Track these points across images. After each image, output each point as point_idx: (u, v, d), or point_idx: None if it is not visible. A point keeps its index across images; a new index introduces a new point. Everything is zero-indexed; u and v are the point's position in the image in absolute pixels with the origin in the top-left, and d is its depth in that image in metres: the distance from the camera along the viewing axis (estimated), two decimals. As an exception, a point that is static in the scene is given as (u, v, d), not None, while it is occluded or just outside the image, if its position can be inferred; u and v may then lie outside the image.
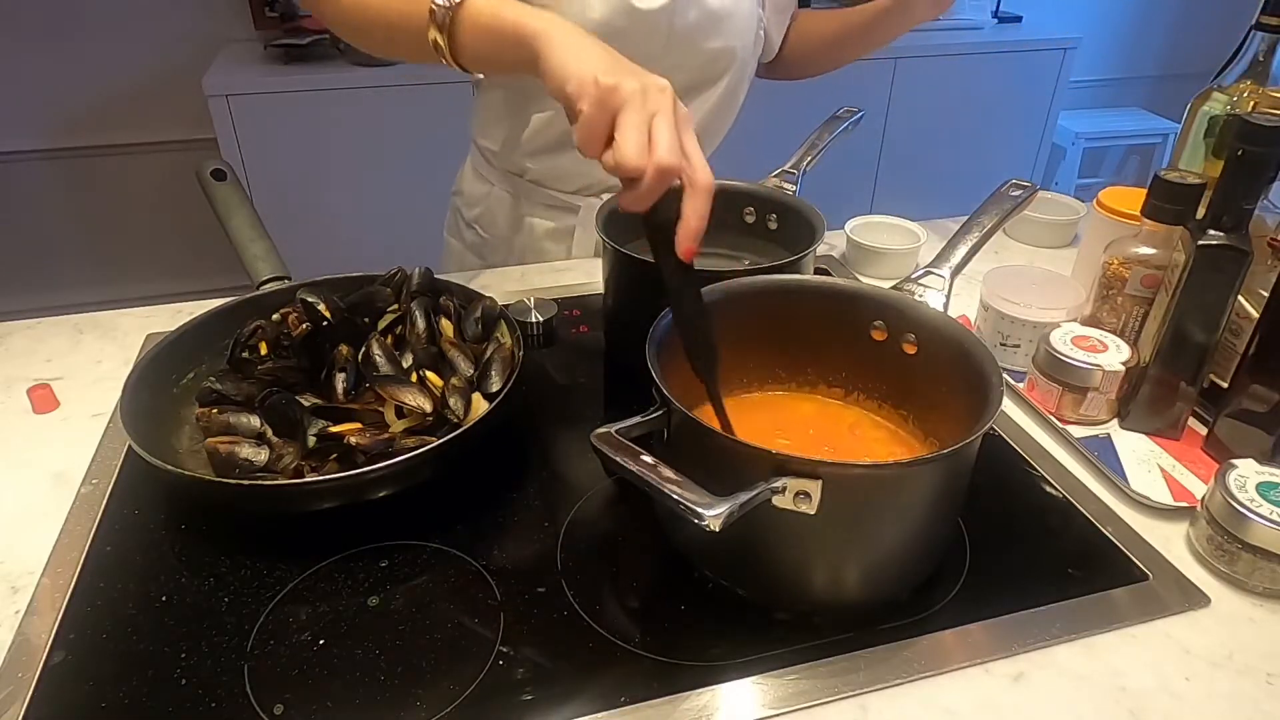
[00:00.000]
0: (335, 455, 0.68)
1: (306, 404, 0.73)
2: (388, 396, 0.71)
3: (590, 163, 1.06)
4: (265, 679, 0.57)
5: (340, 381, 0.74)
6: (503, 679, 0.57)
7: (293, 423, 0.71)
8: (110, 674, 0.57)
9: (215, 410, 0.73)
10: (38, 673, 0.57)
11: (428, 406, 0.71)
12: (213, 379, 0.75)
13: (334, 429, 0.70)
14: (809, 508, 0.53)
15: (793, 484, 0.53)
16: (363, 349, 0.76)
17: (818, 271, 0.97)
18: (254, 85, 2.25)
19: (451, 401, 0.71)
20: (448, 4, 0.68)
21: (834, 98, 1.19)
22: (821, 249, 0.93)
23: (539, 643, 0.60)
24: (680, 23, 0.98)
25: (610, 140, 0.59)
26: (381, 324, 0.81)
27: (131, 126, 2.56)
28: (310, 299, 0.79)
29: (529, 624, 0.61)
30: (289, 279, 0.87)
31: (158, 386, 0.76)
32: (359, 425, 0.71)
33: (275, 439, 0.71)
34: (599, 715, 0.55)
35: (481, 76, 1.09)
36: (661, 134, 0.58)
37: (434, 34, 0.70)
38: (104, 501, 0.71)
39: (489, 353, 0.77)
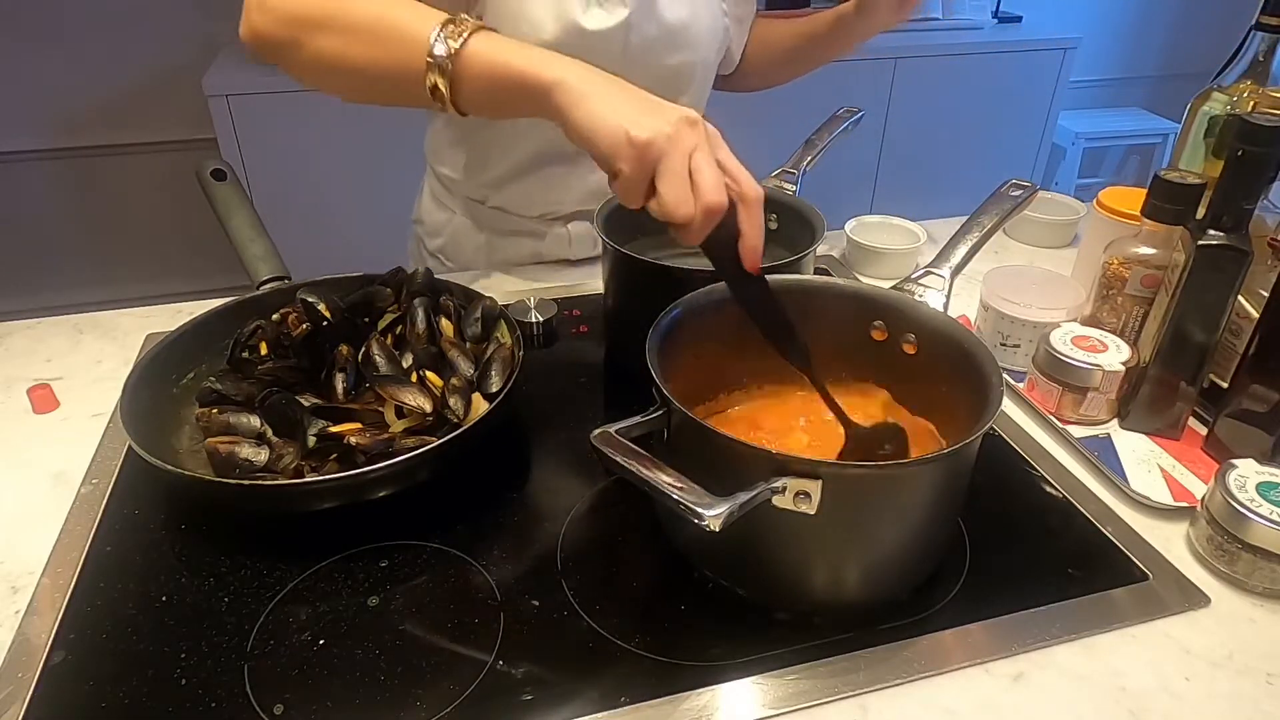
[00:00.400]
0: (335, 455, 0.68)
1: (306, 404, 0.73)
2: (387, 396, 0.71)
3: (556, 188, 1.04)
4: (265, 679, 0.57)
5: (340, 381, 0.74)
6: (503, 679, 0.57)
7: (293, 423, 0.71)
8: (110, 674, 0.57)
9: (215, 410, 0.73)
10: (38, 673, 0.57)
11: (428, 406, 0.70)
12: (213, 379, 0.75)
13: (334, 429, 0.70)
14: (809, 508, 0.53)
15: (793, 484, 0.53)
16: (362, 349, 0.75)
17: (818, 271, 0.97)
18: (254, 85, 2.25)
19: (451, 401, 0.71)
20: (447, 51, 0.64)
21: (834, 98, 1.19)
22: (821, 249, 0.93)
23: (539, 643, 0.60)
24: (637, 39, 0.94)
25: (652, 190, 0.59)
26: (381, 324, 0.81)
27: (131, 126, 2.56)
28: (310, 299, 0.79)
29: (529, 624, 0.61)
30: (289, 279, 0.86)
31: (158, 386, 0.76)
32: (359, 425, 0.70)
33: (275, 439, 0.71)
34: (599, 715, 0.55)
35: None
36: (704, 175, 0.57)
37: (435, 78, 0.65)
38: (104, 501, 0.71)
39: (489, 352, 0.77)
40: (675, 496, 0.51)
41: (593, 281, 1.06)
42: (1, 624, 0.61)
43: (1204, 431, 0.78)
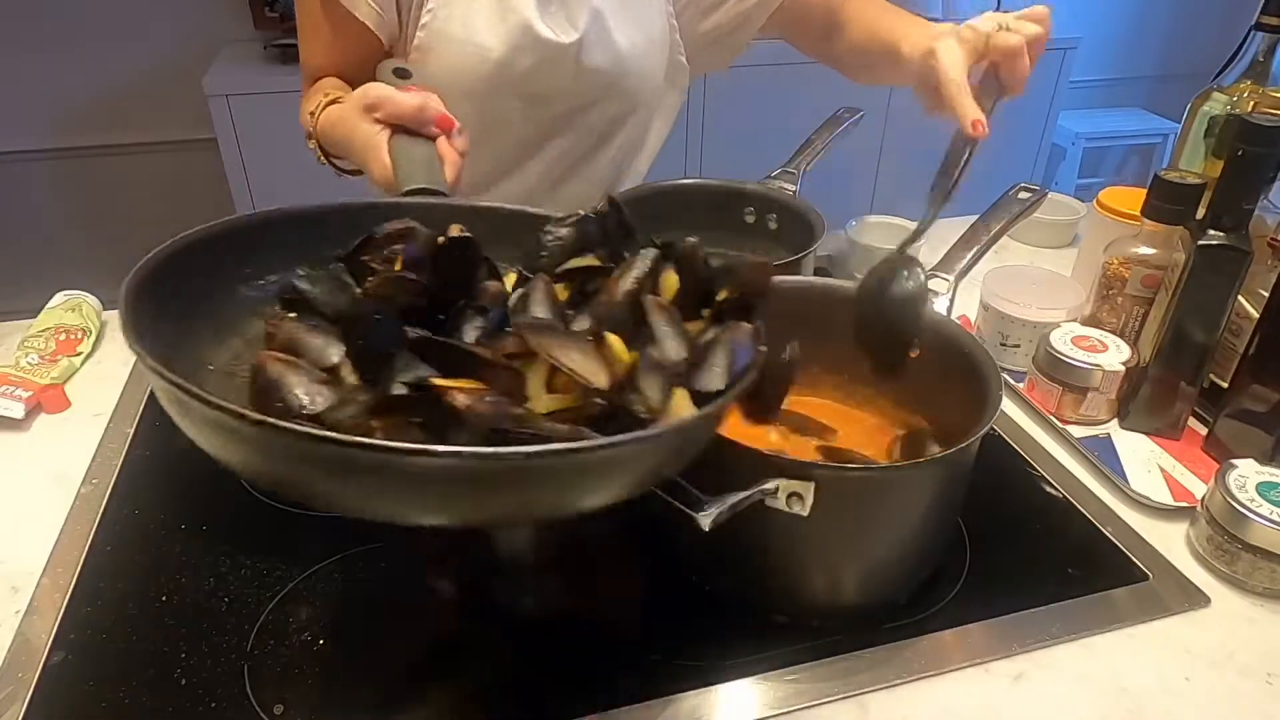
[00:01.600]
0: (422, 419, 0.43)
1: (413, 336, 0.47)
2: (540, 351, 0.46)
3: (535, 185, 1.02)
4: (265, 679, 0.57)
5: (474, 321, 0.50)
6: (503, 679, 0.57)
7: (381, 361, 0.45)
8: (110, 674, 0.57)
9: (289, 318, 0.50)
10: (38, 673, 0.57)
11: (601, 378, 0.45)
12: (303, 273, 0.52)
13: (438, 382, 0.43)
14: (802, 509, 0.53)
15: (785, 485, 0.53)
16: (521, 290, 0.52)
17: (818, 272, 0.97)
18: (254, 85, 2.25)
19: (644, 385, 0.46)
20: (310, 129, 0.83)
21: (834, 98, 1.18)
22: (821, 249, 0.92)
23: (539, 643, 0.60)
24: (588, 60, 0.94)
25: None
26: (570, 265, 0.55)
27: (131, 126, 2.56)
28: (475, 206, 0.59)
29: (529, 624, 0.61)
30: (445, 195, 0.65)
31: (216, 277, 0.53)
32: (481, 385, 0.44)
33: (351, 381, 0.46)
34: (599, 715, 0.55)
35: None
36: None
37: (311, 144, 0.84)
38: (104, 501, 0.71)
39: (713, 336, 0.51)
40: (666, 495, 0.51)
41: (593, 281, 1.06)
42: (1, 624, 0.61)
43: (1204, 431, 0.78)
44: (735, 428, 0.72)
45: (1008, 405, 0.85)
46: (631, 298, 0.52)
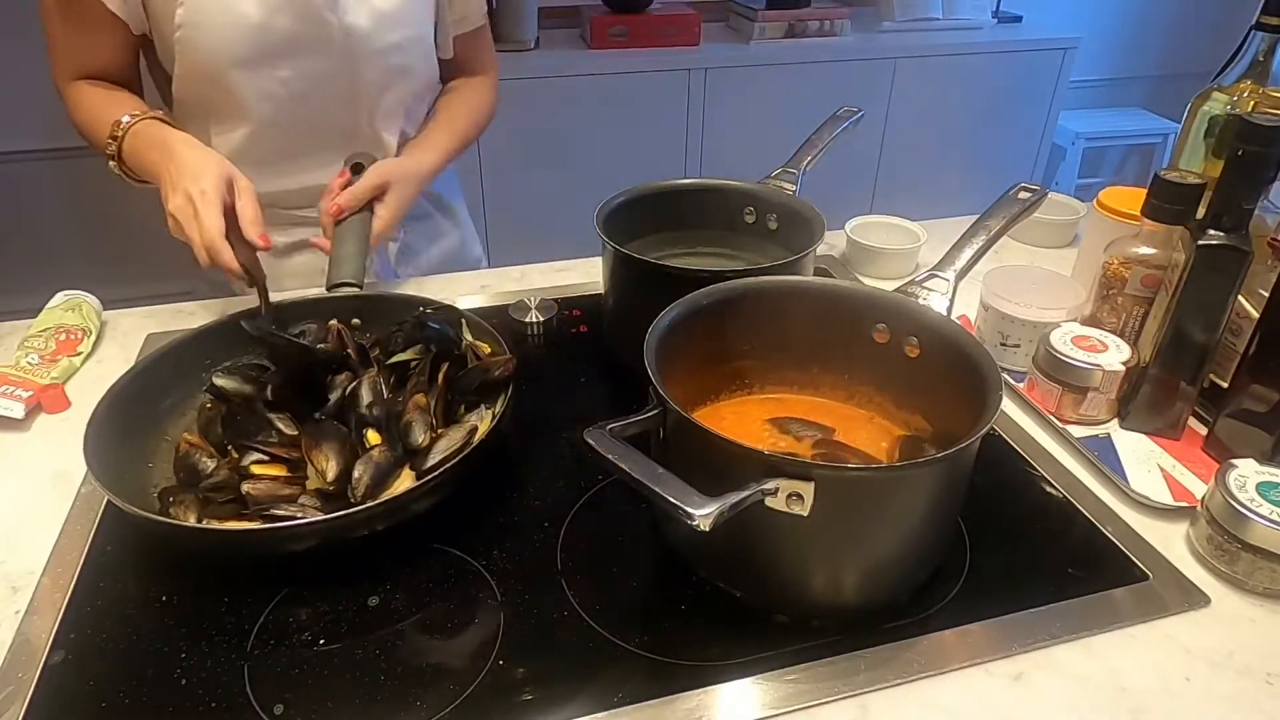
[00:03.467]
0: (234, 497, 0.66)
1: (281, 424, 0.71)
2: (304, 449, 0.67)
3: (305, 173, 1.08)
4: (265, 679, 0.57)
5: (284, 418, 0.71)
6: (503, 679, 0.57)
7: (245, 440, 0.70)
8: (110, 674, 0.57)
9: (217, 404, 0.74)
10: (38, 673, 0.57)
11: (330, 473, 0.65)
12: (222, 372, 0.76)
13: (256, 468, 0.68)
14: (801, 509, 0.53)
15: (785, 485, 0.53)
16: (355, 383, 0.73)
17: (818, 272, 0.98)
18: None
19: (357, 473, 0.65)
20: (114, 148, 0.96)
21: (834, 98, 1.18)
22: (821, 249, 0.93)
23: (539, 643, 0.60)
24: (349, 18, 0.96)
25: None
26: (403, 357, 0.78)
27: (131, 126, 2.56)
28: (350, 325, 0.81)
29: (529, 624, 0.61)
30: (359, 287, 0.88)
31: (191, 366, 0.78)
32: (283, 471, 0.67)
33: (232, 452, 0.70)
34: (598, 715, 0.55)
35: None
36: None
37: (111, 164, 0.96)
38: (104, 501, 0.71)
39: (464, 417, 0.73)
40: (665, 496, 0.51)
41: (593, 281, 1.06)
42: (1, 624, 0.61)
43: (1204, 431, 0.78)
44: (735, 428, 0.72)
45: (1008, 405, 0.85)
46: (402, 390, 0.73)
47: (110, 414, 0.69)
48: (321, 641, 0.60)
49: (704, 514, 0.49)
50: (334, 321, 0.81)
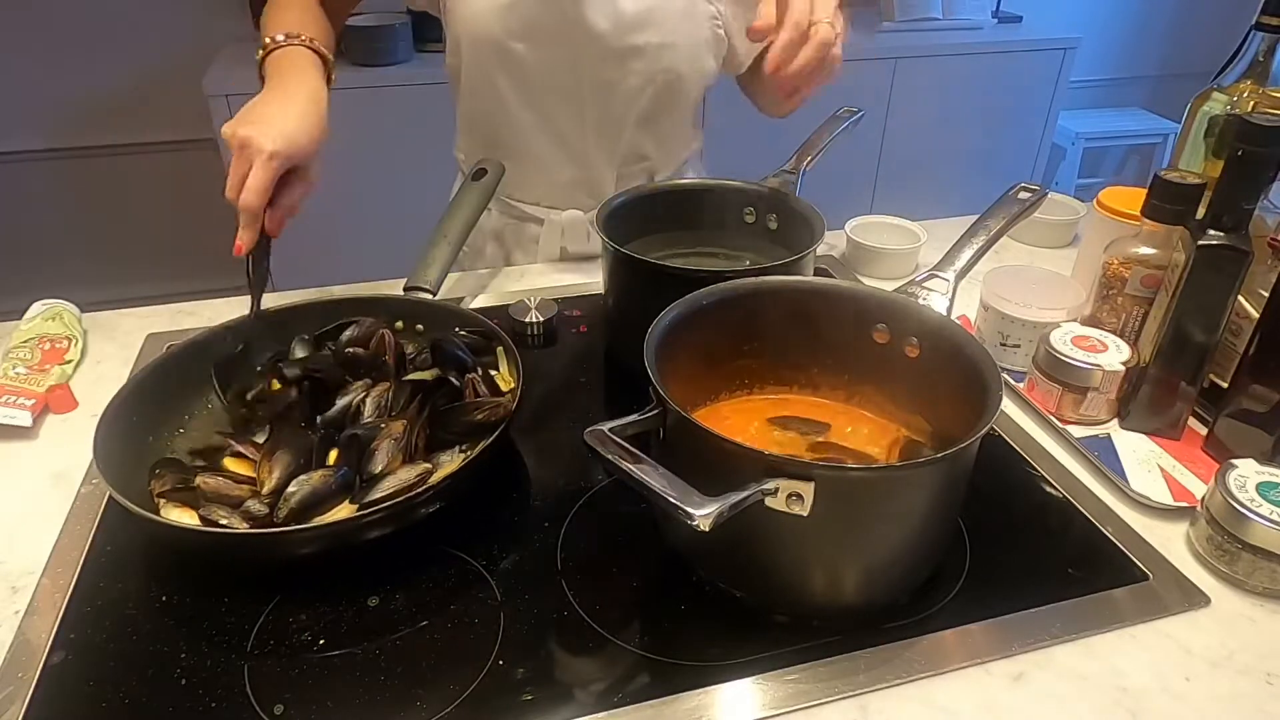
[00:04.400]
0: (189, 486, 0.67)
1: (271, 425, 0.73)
2: (263, 455, 0.67)
3: (546, 172, 1.10)
4: (265, 679, 0.57)
5: (262, 427, 0.73)
6: (502, 679, 0.57)
7: (237, 433, 0.72)
8: (110, 674, 0.57)
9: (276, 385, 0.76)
10: (38, 673, 0.57)
11: (267, 486, 0.65)
12: (287, 361, 0.78)
13: (228, 462, 0.70)
14: (801, 510, 0.53)
15: (785, 485, 0.53)
16: (363, 395, 0.74)
17: (818, 272, 0.98)
18: (254, 85, 2.22)
19: (290, 489, 0.63)
20: (262, 51, 0.91)
21: (834, 98, 1.18)
22: (821, 249, 0.93)
23: (539, 643, 0.60)
24: (590, 17, 0.97)
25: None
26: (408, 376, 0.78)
27: (131, 126, 2.56)
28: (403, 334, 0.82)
29: (529, 624, 0.61)
30: (433, 294, 0.87)
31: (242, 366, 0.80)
32: (249, 471, 0.68)
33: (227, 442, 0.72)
34: (598, 715, 0.55)
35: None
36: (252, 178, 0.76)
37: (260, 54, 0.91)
38: (104, 501, 0.71)
39: (433, 456, 0.70)
40: (664, 495, 0.51)
41: (593, 281, 1.06)
42: (1, 624, 0.61)
43: (1204, 431, 0.78)
44: (736, 428, 0.72)
45: (1008, 405, 0.85)
46: (385, 413, 0.73)
47: (122, 411, 0.70)
48: (321, 642, 0.60)
49: (704, 514, 0.49)
50: (384, 331, 0.81)
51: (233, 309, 0.96)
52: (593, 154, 1.09)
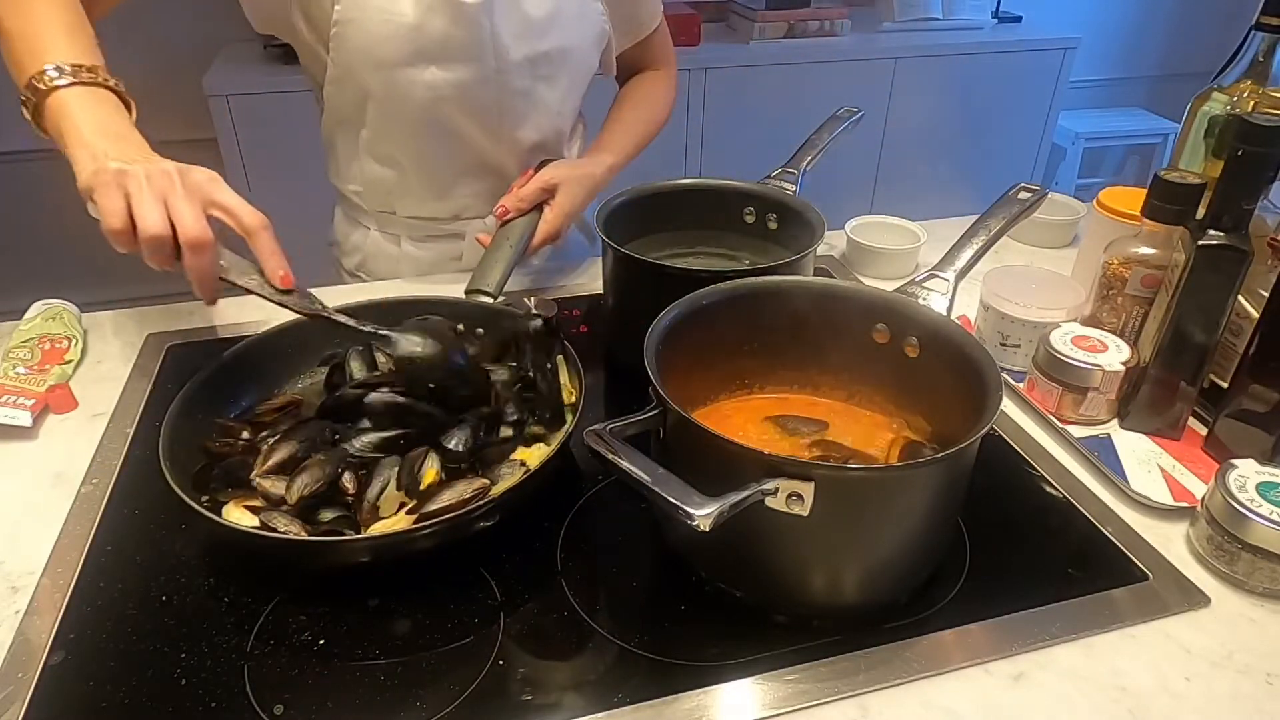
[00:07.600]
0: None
1: (362, 436, 0.68)
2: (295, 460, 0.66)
3: (463, 186, 1.08)
4: (265, 679, 0.57)
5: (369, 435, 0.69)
6: (502, 679, 0.57)
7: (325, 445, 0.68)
8: (110, 674, 0.57)
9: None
10: (38, 673, 0.57)
11: (291, 497, 0.63)
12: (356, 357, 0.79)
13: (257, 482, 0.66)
14: (801, 509, 0.53)
15: (785, 485, 0.53)
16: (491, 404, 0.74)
17: (818, 271, 0.98)
18: (254, 85, 2.25)
19: (290, 498, 0.63)
20: (34, 95, 0.79)
21: (834, 98, 1.18)
22: (821, 249, 0.93)
23: (539, 643, 0.60)
24: (500, 23, 0.95)
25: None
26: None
27: (131, 126, 2.56)
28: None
29: (529, 624, 0.61)
30: (494, 298, 0.86)
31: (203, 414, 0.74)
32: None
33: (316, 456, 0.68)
34: (598, 715, 0.55)
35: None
36: (182, 213, 0.68)
37: (26, 113, 0.80)
38: (104, 501, 0.71)
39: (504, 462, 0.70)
40: (664, 495, 0.51)
41: (593, 281, 1.06)
42: (1, 624, 0.61)
43: (1204, 431, 0.78)
44: (735, 427, 0.72)
45: (1008, 405, 0.85)
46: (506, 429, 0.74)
47: (184, 407, 0.70)
48: (321, 642, 0.60)
49: (704, 514, 0.50)
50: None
51: (233, 309, 0.96)
52: (505, 160, 1.06)
